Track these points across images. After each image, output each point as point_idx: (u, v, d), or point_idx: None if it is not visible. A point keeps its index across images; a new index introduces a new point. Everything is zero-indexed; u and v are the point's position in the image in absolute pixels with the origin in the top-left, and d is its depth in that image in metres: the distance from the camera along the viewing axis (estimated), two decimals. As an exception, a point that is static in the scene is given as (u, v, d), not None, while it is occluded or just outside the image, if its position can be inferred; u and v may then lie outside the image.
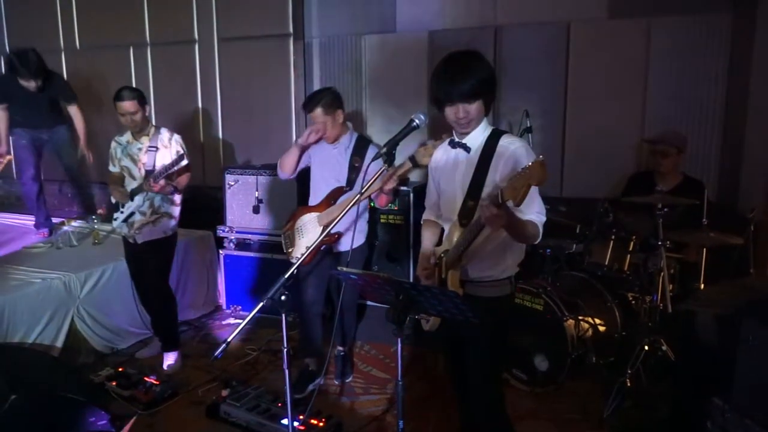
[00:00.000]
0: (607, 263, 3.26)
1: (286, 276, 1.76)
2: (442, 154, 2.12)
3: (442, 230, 2.16)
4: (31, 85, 4.19)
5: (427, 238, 2.19)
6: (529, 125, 3.58)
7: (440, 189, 2.12)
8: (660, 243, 2.90)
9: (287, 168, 3.15)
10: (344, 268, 1.73)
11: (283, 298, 1.73)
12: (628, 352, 2.97)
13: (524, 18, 4.05)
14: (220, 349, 1.74)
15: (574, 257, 3.43)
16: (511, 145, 1.91)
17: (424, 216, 2.25)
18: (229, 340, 1.69)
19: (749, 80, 3.46)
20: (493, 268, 1.98)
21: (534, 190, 1.75)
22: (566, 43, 3.98)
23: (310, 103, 2.98)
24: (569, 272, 3.39)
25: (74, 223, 4.70)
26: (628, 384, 2.87)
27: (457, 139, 2.01)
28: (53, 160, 4.76)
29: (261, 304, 1.71)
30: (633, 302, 3.27)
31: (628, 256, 3.25)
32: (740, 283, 2.59)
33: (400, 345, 1.68)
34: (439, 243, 2.14)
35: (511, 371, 3.17)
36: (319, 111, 2.94)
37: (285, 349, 1.78)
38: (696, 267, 3.09)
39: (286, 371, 1.82)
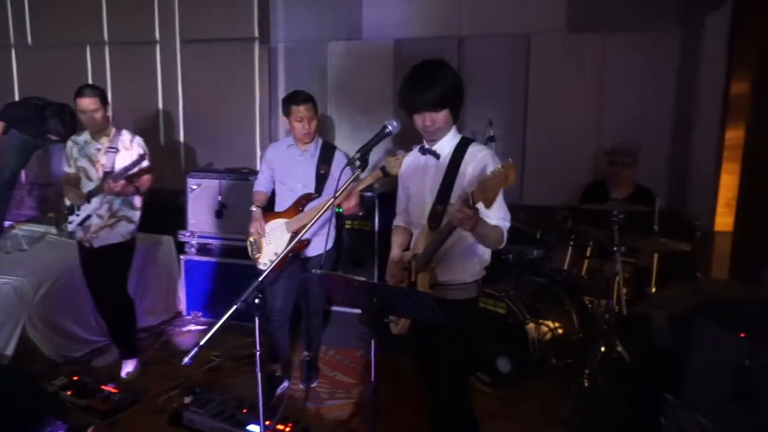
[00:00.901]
0: (566, 268, 3.40)
1: (260, 279, 1.75)
2: (412, 160, 2.17)
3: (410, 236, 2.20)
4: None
5: (397, 245, 2.23)
6: (492, 134, 3.68)
7: (409, 194, 2.17)
8: (615, 248, 3.04)
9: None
10: (319, 271, 1.74)
11: (256, 301, 1.72)
12: (586, 354, 3.10)
13: (487, 29, 4.18)
14: (190, 354, 1.72)
15: (535, 262, 3.54)
16: (479, 153, 1.99)
17: (395, 222, 2.29)
18: (201, 343, 1.68)
19: (696, 95, 3.68)
20: (461, 272, 2.03)
21: (500, 197, 1.82)
22: (527, 55, 4.13)
23: (299, 96, 2.97)
24: (530, 277, 3.50)
25: (24, 227, 4.50)
26: (586, 384, 2.99)
27: (427, 146, 2.06)
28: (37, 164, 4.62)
29: (234, 307, 1.70)
30: (590, 306, 3.40)
31: (586, 261, 3.39)
32: (688, 286, 2.74)
33: (374, 347, 1.70)
34: (407, 249, 2.18)
35: (475, 374, 3.24)
36: (308, 106, 2.96)
37: (258, 353, 1.77)
38: (648, 272, 3.26)
39: (258, 374, 1.81)
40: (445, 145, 2.03)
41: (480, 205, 1.69)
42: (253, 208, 3.14)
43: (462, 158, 1.98)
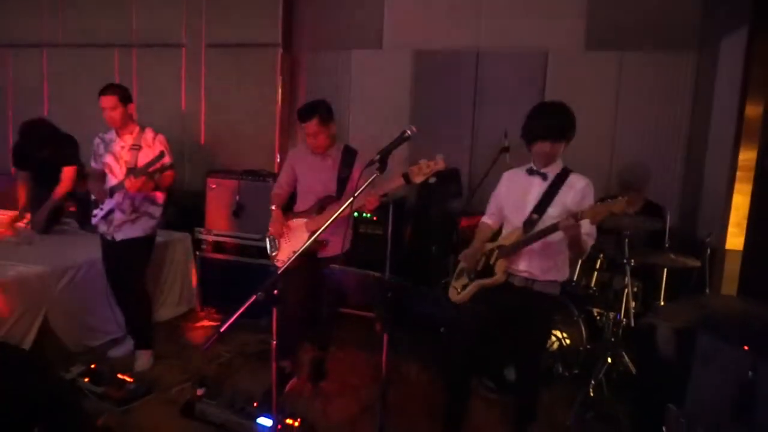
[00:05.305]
0: (575, 280, 3.44)
1: (279, 271, 1.83)
2: (515, 177, 2.61)
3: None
4: (42, 153, 4.14)
5: (480, 239, 2.67)
6: (507, 145, 3.75)
7: (508, 202, 2.60)
8: (625, 262, 3.08)
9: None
10: (337, 266, 1.82)
11: (275, 292, 1.80)
12: (592, 365, 3.13)
13: (505, 44, 4.27)
14: (210, 340, 1.79)
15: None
16: (579, 182, 2.46)
17: (484, 219, 2.76)
18: (221, 330, 1.76)
19: (711, 115, 3.72)
20: (555, 272, 2.49)
21: None
22: (543, 71, 4.21)
23: (306, 113, 3.02)
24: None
25: None
26: (592, 395, 3.02)
27: (535, 168, 2.52)
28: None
29: (254, 297, 1.78)
30: (598, 318, 3.44)
31: (596, 273, 3.43)
32: (694, 301, 2.78)
33: (386, 341, 1.77)
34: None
35: (481, 380, 3.28)
36: (314, 122, 3.00)
37: (275, 342, 1.85)
38: (657, 286, 3.30)
39: (273, 364, 1.88)
40: (553, 169, 2.49)
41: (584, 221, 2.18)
42: (273, 208, 3.23)
43: (563, 183, 2.45)
